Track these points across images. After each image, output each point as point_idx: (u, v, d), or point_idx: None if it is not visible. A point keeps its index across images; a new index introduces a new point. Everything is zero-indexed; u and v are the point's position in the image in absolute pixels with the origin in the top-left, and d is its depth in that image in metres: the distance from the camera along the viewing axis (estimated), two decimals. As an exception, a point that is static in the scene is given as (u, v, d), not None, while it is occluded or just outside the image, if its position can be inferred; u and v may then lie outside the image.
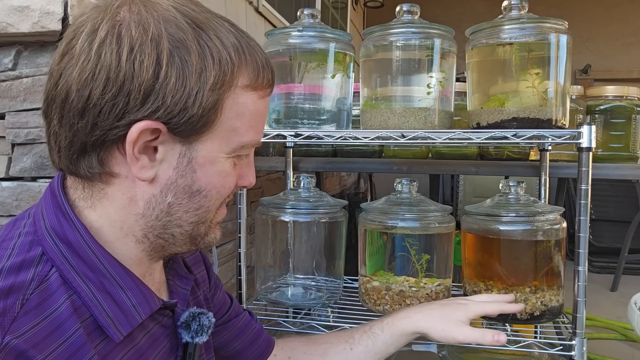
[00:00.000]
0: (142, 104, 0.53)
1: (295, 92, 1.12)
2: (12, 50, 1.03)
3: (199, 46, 0.55)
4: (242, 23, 2.03)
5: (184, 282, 0.72)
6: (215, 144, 0.59)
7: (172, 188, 0.59)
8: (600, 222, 3.72)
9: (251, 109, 0.60)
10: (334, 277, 1.26)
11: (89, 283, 0.56)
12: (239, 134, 0.60)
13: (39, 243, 0.56)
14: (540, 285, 1.06)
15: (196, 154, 0.58)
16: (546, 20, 1.01)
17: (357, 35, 4.69)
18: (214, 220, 0.65)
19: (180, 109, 0.54)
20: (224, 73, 0.56)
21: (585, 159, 0.98)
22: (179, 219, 0.61)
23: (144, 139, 0.55)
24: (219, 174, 0.60)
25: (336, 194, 3.25)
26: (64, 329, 0.52)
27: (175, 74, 0.54)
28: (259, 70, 0.60)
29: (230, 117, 0.58)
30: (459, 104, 1.30)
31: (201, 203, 0.61)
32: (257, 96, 0.60)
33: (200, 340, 0.67)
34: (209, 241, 0.65)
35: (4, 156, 1.05)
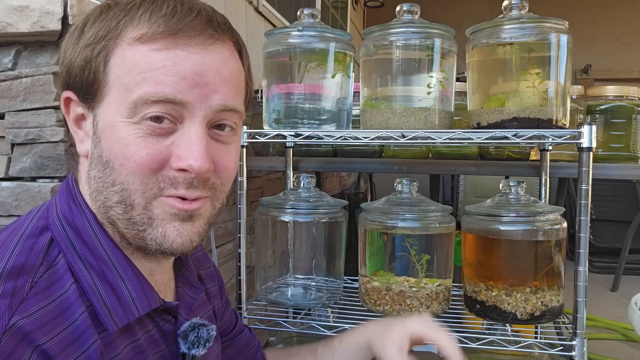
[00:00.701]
0: (63, 77, 0.59)
1: (295, 92, 1.12)
2: (11, 50, 1.03)
3: (99, 7, 0.59)
4: (242, 23, 2.03)
5: (193, 291, 0.70)
6: (111, 107, 0.55)
7: (94, 160, 0.58)
8: (600, 222, 3.72)
9: (140, 62, 0.54)
10: (334, 277, 1.26)
11: (90, 270, 0.56)
12: (130, 91, 0.54)
13: (48, 228, 0.57)
14: (540, 285, 1.05)
15: (98, 119, 0.57)
16: (546, 20, 1.00)
17: (357, 35, 4.69)
18: (152, 211, 0.57)
19: (71, 74, 0.57)
20: (105, 30, 0.55)
21: (586, 159, 0.98)
22: (106, 198, 0.57)
23: (74, 112, 0.59)
24: (118, 141, 0.55)
25: (336, 194, 3.25)
26: (69, 313, 0.53)
27: (69, 38, 0.58)
28: (151, 22, 0.55)
29: (119, 74, 0.55)
30: (459, 104, 1.30)
31: (113, 177, 0.55)
32: (148, 49, 0.54)
33: (197, 353, 0.64)
34: (156, 237, 0.57)
35: (4, 156, 1.04)
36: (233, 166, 0.62)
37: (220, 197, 0.62)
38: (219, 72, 0.57)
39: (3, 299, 0.49)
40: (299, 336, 1.33)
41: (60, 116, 1.00)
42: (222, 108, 0.58)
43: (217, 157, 0.59)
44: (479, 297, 1.09)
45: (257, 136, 1.13)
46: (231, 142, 0.61)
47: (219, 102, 0.57)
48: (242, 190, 1.17)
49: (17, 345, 0.48)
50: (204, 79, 0.56)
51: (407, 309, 1.10)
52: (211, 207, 0.61)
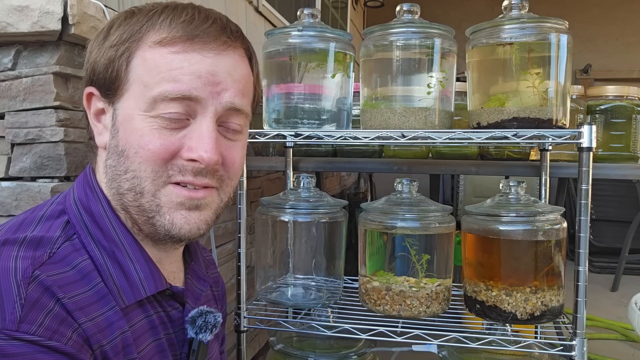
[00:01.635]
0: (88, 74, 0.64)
1: (295, 92, 1.12)
2: (11, 50, 1.03)
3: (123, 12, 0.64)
4: (242, 23, 2.03)
5: (200, 283, 0.75)
6: (130, 101, 0.61)
7: (110, 151, 0.63)
8: (600, 222, 3.71)
9: (160, 63, 0.60)
10: (334, 277, 1.26)
11: (102, 250, 0.61)
12: (150, 88, 0.60)
13: (65, 212, 0.62)
14: (540, 285, 1.05)
15: (118, 112, 0.62)
16: (546, 20, 1.00)
17: (357, 35, 4.68)
18: (159, 198, 0.61)
19: (96, 69, 0.62)
20: (129, 33, 0.61)
21: (586, 159, 0.98)
22: (119, 185, 0.62)
23: (94, 107, 0.64)
24: (134, 132, 0.60)
25: (336, 194, 3.24)
26: (89, 279, 0.58)
27: (95, 39, 0.64)
28: (171, 28, 0.61)
29: (140, 73, 0.60)
30: (459, 104, 1.30)
31: (127, 165, 0.61)
32: (167, 51, 0.60)
33: (204, 338, 0.68)
34: (164, 224, 0.62)
35: (4, 156, 1.04)
36: (240, 161, 0.68)
37: (227, 190, 0.67)
38: (230, 73, 0.63)
39: (24, 260, 0.54)
40: (299, 336, 1.33)
41: (60, 116, 1.00)
42: (230, 105, 0.63)
43: (225, 152, 0.64)
44: (479, 297, 1.09)
45: (257, 136, 1.13)
46: (238, 139, 0.67)
47: (229, 100, 0.62)
48: (242, 190, 1.17)
49: (42, 294, 0.52)
50: (216, 78, 0.61)
51: (407, 309, 1.10)
52: (218, 199, 0.66)
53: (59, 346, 0.50)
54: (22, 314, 0.49)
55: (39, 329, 0.50)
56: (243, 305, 1.18)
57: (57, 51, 1.01)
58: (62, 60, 1.01)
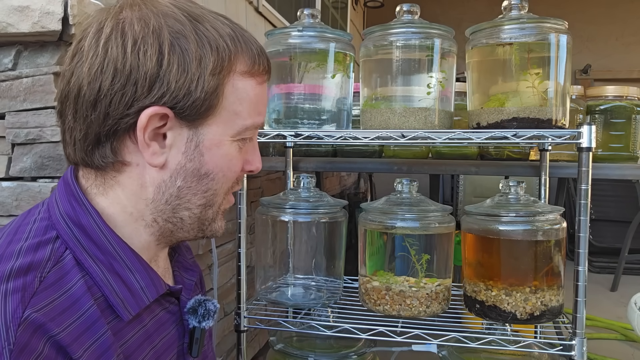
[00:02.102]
0: (149, 91, 0.57)
1: (295, 92, 1.12)
2: (12, 50, 1.03)
3: (197, 36, 0.59)
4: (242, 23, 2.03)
5: (189, 274, 0.76)
6: (220, 127, 0.62)
7: (182, 172, 0.62)
8: (600, 222, 3.72)
9: (251, 94, 0.63)
10: (334, 277, 1.26)
11: (100, 264, 0.59)
12: (242, 117, 0.63)
13: (53, 227, 0.60)
14: (540, 285, 1.06)
15: (203, 137, 0.62)
16: (546, 20, 1.01)
17: (357, 35, 4.69)
18: (221, 206, 0.68)
19: (184, 94, 0.58)
20: (222, 59, 0.60)
21: (585, 159, 0.98)
22: (188, 202, 0.64)
23: (153, 126, 0.59)
24: (225, 157, 0.63)
25: (336, 194, 3.25)
26: (79, 305, 0.56)
27: (177, 61, 0.58)
28: (255, 57, 0.63)
29: (232, 101, 0.62)
30: (459, 104, 1.30)
31: (209, 186, 0.64)
32: (255, 82, 0.64)
33: (207, 325, 0.70)
34: (216, 229, 0.68)
35: (4, 156, 1.05)
36: None
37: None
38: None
39: (15, 294, 0.51)
40: (299, 336, 1.33)
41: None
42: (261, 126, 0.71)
43: None
44: (478, 297, 1.09)
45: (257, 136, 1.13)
46: None
47: (263, 120, 0.69)
48: (242, 190, 1.17)
49: (31, 336, 0.50)
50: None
51: (407, 309, 1.10)
52: None
53: None
54: None
55: None
56: (243, 305, 1.18)
57: (58, 51, 1.01)
58: (63, 60, 1.01)
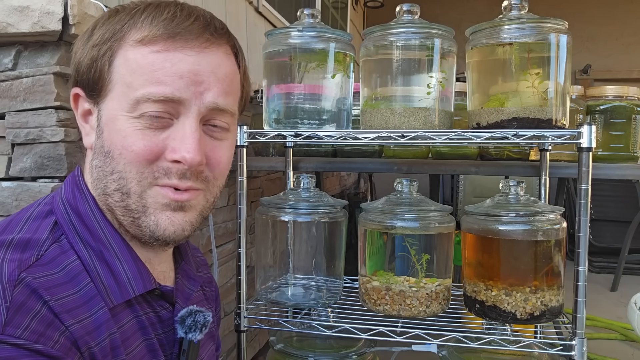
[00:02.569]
0: (73, 75, 0.64)
1: (295, 92, 1.12)
2: (12, 50, 1.03)
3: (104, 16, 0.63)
4: (242, 23, 2.03)
5: (191, 283, 0.74)
6: (114, 102, 0.61)
7: (96, 151, 0.63)
8: (600, 222, 3.72)
9: (142, 63, 0.59)
10: (334, 277, 1.26)
11: (90, 250, 0.60)
12: (133, 89, 0.59)
13: (53, 212, 0.62)
14: (540, 285, 1.06)
15: (102, 113, 0.62)
16: (546, 20, 1.01)
17: (357, 35, 4.69)
18: (147, 198, 0.60)
19: (80, 70, 0.62)
20: (111, 31, 0.61)
21: (585, 159, 0.98)
22: (105, 185, 0.62)
23: (81, 108, 0.64)
24: (118, 133, 0.60)
25: (336, 194, 3.25)
26: (77, 280, 0.57)
27: (80, 43, 0.63)
28: (152, 26, 0.60)
29: (123, 73, 0.60)
30: (459, 104, 1.30)
31: (112, 166, 0.60)
32: (149, 50, 0.59)
33: (193, 337, 0.67)
34: (149, 225, 0.61)
35: (4, 156, 1.05)
36: (226, 161, 0.67)
37: (213, 190, 0.66)
38: (214, 72, 0.62)
39: (12, 262, 0.53)
40: (299, 336, 1.33)
41: (61, 116, 1.00)
42: (214, 106, 0.62)
43: (210, 152, 0.63)
44: (478, 296, 1.09)
45: (257, 136, 1.13)
46: (224, 138, 0.66)
47: (211, 100, 0.61)
48: (242, 190, 1.17)
49: (28, 297, 0.51)
50: (199, 77, 0.60)
51: (407, 309, 1.10)
52: (204, 200, 0.65)
53: (45, 349, 0.49)
54: (8, 318, 0.49)
55: (25, 332, 0.49)
56: (243, 305, 1.18)
57: (58, 51, 1.01)
58: (63, 60, 1.01)
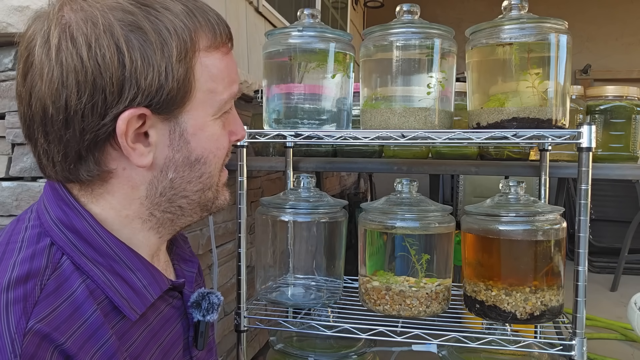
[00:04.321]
0: (120, 95, 0.54)
1: (295, 92, 1.12)
2: (12, 50, 1.03)
3: (151, 23, 0.55)
4: (242, 23, 2.03)
5: (189, 266, 0.75)
6: (199, 110, 0.60)
7: (172, 164, 0.60)
8: (600, 222, 3.72)
9: (221, 67, 0.61)
10: (334, 277, 1.26)
11: (100, 267, 0.58)
12: (218, 93, 0.61)
13: (46, 234, 0.58)
14: (540, 285, 1.06)
15: (185, 125, 0.60)
16: (546, 20, 1.01)
17: (357, 35, 4.69)
18: (219, 184, 0.67)
19: (156, 89, 0.55)
20: (185, 41, 0.57)
21: (585, 159, 0.98)
22: (184, 190, 0.62)
23: (133, 128, 0.56)
24: (211, 138, 0.62)
25: (336, 194, 3.25)
26: (82, 311, 0.54)
27: (140, 57, 0.54)
28: (215, 28, 0.60)
29: (204, 81, 0.60)
30: (459, 104, 1.30)
31: (202, 170, 0.63)
32: (220, 54, 0.61)
33: (211, 319, 0.69)
34: (220, 204, 0.68)
35: (4, 156, 1.05)
36: None
37: None
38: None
39: (17, 304, 0.50)
40: (299, 336, 1.33)
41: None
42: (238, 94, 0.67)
43: None
44: (478, 296, 1.09)
45: (257, 136, 1.14)
46: None
47: (237, 89, 0.67)
48: (242, 190, 1.17)
49: (38, 347, 0.49)
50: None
51: (406, 309, 1.10)
52: None
53: None
54: None
55: None
56: (243, 305, 1.18)
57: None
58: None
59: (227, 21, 0.65)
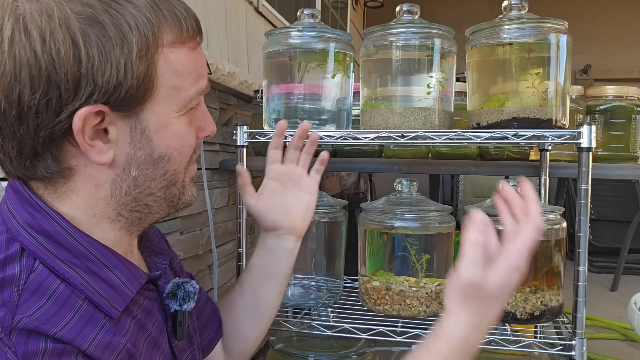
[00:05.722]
0: (75, 92, 0.52)
1: (295, 92, 1.12)
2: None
3: (111, 17, 0.52)
4: (242, 23, 2.03)
5: (160, 258, 0.73)
6: (162, 107, 0.58)
7: (134, 162, 0.59)
8: (600, 222, 3.72)
9: (186, 63, 0.59)
10: (334, 277, 1.26)
11: (76, 268, 0.56)
12: (183, 90, 0.59)
13: (15, 239, 0.56)
14: (540, 285, 1.06)
15: (147, 122, 0.58)
16: (546, 20, 1.01)
17: (357, 35, 4.69)
18: (185, 180, 0.65)
19: (114, 86, 0.53)
20: (146, 37, 0.54)
21: (585, 159, 0.98)
22: (149, 187, 0.61)
23: (90, 125, 0.54)
24: (175, 135, 0.60)
25: (336, 194, 3.25)
26: (70, 304, 0.53)
27: (97, 52, 0.52)
28: (181, 22, 0.58)
29: (168, 77, 0.57)
30: (459, 104, 1.30)
31: (167, 168, 0.61)
32: (187, 49, 0.59)
33: (188, 307, 0.68)
34: (187, 200, 0.66)
35: (4, 156, 1.05)
36: None
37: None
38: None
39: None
40: (299, 336, 1.33)
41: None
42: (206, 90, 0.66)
43: None
44: (478, 296, 1.09)
45: (257, 136, 1.14)
46: None
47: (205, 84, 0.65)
48: (242, 190, 1.17)
49: (27, 341, 0.48)
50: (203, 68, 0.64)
51: (407, 309, 1.10)
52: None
53: None
54: None
55: None
56: (243, 305, 1.18)
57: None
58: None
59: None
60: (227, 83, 1.55)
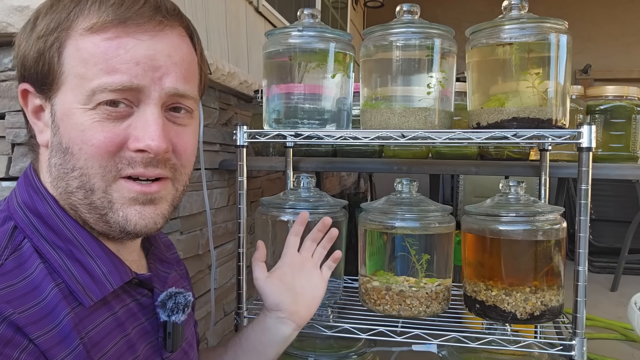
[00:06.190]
0: (19, 70, 0.60)
1: (295, 92, 1.12)
2: (12, 51, 1.03)
3: (47, 4, 0.59)
4: (242, 23, 2.03)
5: (165, 266, 0.73)
6: (68, 95, 0.57)
7: (54, 148, 0.59)
8: (600, 222, 3.72)
9: (94, 52, 0.56)
10: (334, 277, 1.26)
11: (59, 251, 0.58)
12: (87, 80, 0.56)
13: (11, 217, 0.59)
14: (540, 285, 1.06)
15: (56, 108, 0.58)
16: (546, 20, 1.01)
17: (357, 35, 4.69)
18: (112, 193, 0.58)
19: (28, 66, 0.58)
20: (56, 22, 0.57)
21: (585, 159, 0.98)
22: (67, 184, 0.59)
23: (32, 104, 0.61)
24: (75, 127, 0.57)
25: (336, 194, 3.25)
26: (39, 291, 0.54)
27: (24, 35, 0.59)
28: (107, 10, 0.56)
29: (74, 64, 0.56)
30: (459, 104, 1.30)
31: (73, 163, 0.57)
32: (100, 38, 0.56)
33: (177, 319, 0.67)
34: (118, 220, 0.59)
35: (4, 156, 1.05)
36: (192, 147, 0.65)
37: (181, 178, 0.64)
38: (170, 56, 0.59)
39: None
40: (299, 336, 1.33)
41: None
42: (174, 91, 0.60)
43: (176, 138, 0.61)
44: (478, 296, 1.09)
45: (257, 136, 1.13)
46: (188, 124, 0.64)
47: (171, 85, 0.59)
48: (242, 190, 1.17)
49: None
50: (156, 62, 0.58)
51: (407, 309, 1.10)
52: (173, 190, 0.64)
53: None
54: None
55: None
56: (243, 305, 1.18)
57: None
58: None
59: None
60: (227, 83, 1.55)
